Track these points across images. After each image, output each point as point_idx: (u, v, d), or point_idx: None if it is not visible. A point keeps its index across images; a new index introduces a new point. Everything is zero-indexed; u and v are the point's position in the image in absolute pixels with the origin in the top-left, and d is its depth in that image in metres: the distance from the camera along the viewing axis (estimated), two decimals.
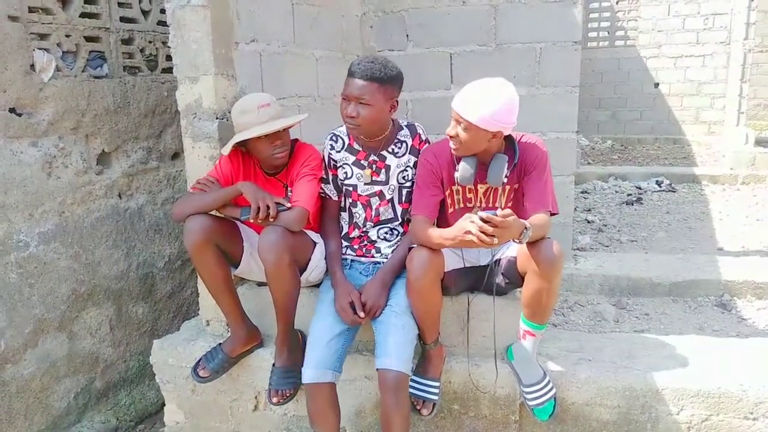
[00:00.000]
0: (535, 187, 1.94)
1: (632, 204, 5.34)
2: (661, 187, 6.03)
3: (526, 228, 1.72)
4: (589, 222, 4.66)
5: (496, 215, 1.64)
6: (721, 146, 7.91)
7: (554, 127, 3.03)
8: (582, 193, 5.83)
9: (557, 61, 2.97)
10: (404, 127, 2.12)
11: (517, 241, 1.76)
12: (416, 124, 2.16)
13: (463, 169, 1.92)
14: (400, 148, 2.11)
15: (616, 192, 5.90)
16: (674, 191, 5.91)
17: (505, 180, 1.90)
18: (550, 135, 3.01)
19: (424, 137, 2.13)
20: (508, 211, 1.67)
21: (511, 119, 1.83)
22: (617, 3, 9.45)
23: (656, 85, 9.33)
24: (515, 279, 2.02)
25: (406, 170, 2.12)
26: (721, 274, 3.05)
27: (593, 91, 9.34)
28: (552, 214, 1.93)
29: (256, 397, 2.32)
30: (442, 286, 1.97)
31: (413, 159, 2.11)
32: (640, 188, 6.03)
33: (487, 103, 1.78)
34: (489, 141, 1.86)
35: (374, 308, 1.99)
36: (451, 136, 1.90)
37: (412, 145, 2.11)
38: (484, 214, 1.64)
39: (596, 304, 2.94)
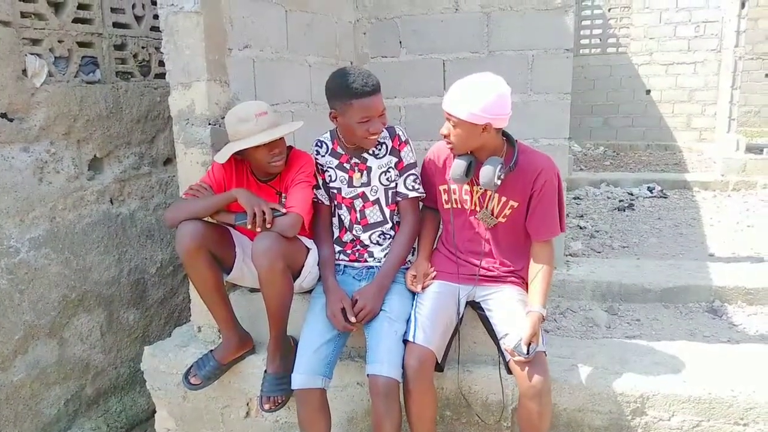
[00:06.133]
0: (547, 213, 1.98)
1: (624, 210, 5.38)
2: (652, 193, 6.07)
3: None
4: (581, 228, 4.69)
5: (521, 342, 1.82)
6: (712, 153, 7.97)
7: (547, 134, 3.04)
8: (574, 199, 5.86)
9: (549, 68, 2.98)
10: (384, 129, 2.13)
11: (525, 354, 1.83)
12: (395, 126, 2.19)
13: (455, 166, 1.95)
14: (380, 149, 2.14)
15: (608, 198, 5.93)
16: (666, 197, 5.95)
17: (498, 182, 1.90)
18: (543, 141, 3.03)
19: (403, 138, 2.15)
20: (529, 341, 1.82)
21: (500, 110, 1.84)
22: (609, 10, 9.54)
23: (648, 91, 9.41)
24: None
25: (389, 171, 2.14)
26: (712, 280, 3.06)
27: (585, 97, 9.41)
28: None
29: (247, 404, 2.31)
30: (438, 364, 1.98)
31: (394, 159, 2.14)
32: (631, 194, 6.07)
33: (472, 96, 1.83)
34: (481, 135, 1.88)
35: (370, 313, 1.98)
36: (445, 136, 1.94)
37: (392, 147, 2.14)
38: (510, 346, 1.85)
39: (588, 310, 2.95)
